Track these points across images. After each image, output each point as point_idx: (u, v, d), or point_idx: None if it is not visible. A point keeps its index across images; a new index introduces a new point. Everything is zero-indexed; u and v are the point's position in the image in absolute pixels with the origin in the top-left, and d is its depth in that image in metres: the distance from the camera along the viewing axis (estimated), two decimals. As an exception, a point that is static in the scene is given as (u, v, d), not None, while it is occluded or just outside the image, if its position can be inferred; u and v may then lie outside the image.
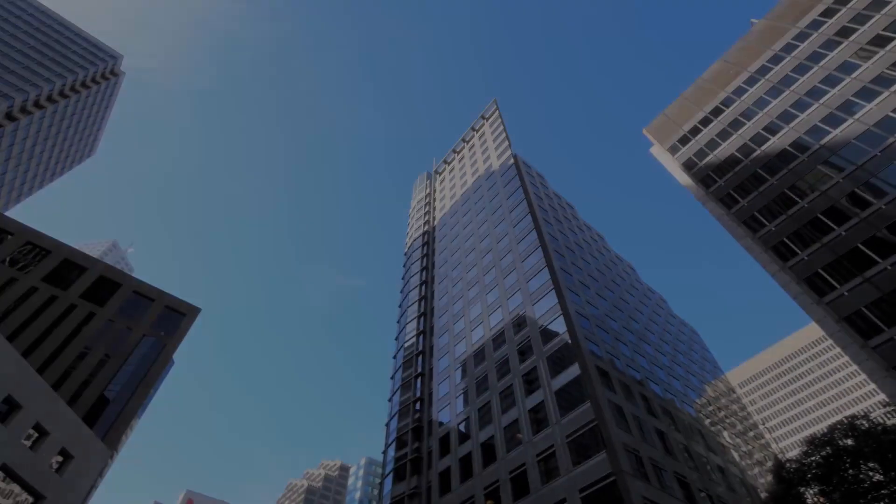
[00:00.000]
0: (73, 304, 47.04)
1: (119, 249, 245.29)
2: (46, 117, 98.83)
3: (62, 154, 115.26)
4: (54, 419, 31.18)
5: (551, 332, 45.66)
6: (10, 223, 49.94)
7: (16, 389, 28.78)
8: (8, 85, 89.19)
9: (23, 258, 48.16)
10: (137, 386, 45.18)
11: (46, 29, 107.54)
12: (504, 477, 39.46)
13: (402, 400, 62.47)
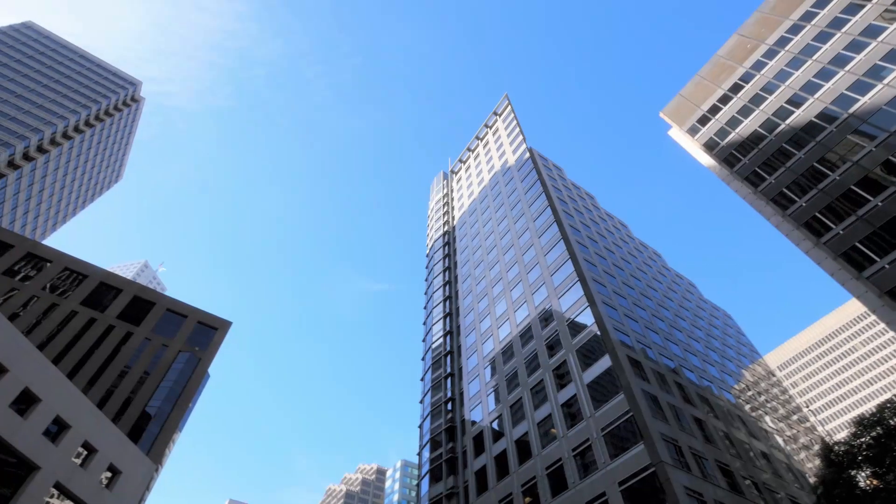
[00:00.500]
0: (111, 325, 48.73)
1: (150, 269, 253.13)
2: (74, 147, 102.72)
3: (91, 181, 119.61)
4: (101, 437, 32.34)
5: (579, 324, 45.11)
6: (48, 251, 52.05)
7: (64, 410, 29.97)
8: (37, 119, 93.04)
9: (62, 284, 50.12)
10: (177, 401, 46.51)
11: (69, 62, 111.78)
12: (541, 473, 39.17)
13: (433, 401, 62.66)
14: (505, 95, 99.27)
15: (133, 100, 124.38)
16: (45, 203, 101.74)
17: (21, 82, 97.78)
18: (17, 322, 44.07)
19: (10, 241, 50.51)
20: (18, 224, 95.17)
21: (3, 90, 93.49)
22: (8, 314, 44.12)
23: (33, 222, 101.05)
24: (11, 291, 46.48)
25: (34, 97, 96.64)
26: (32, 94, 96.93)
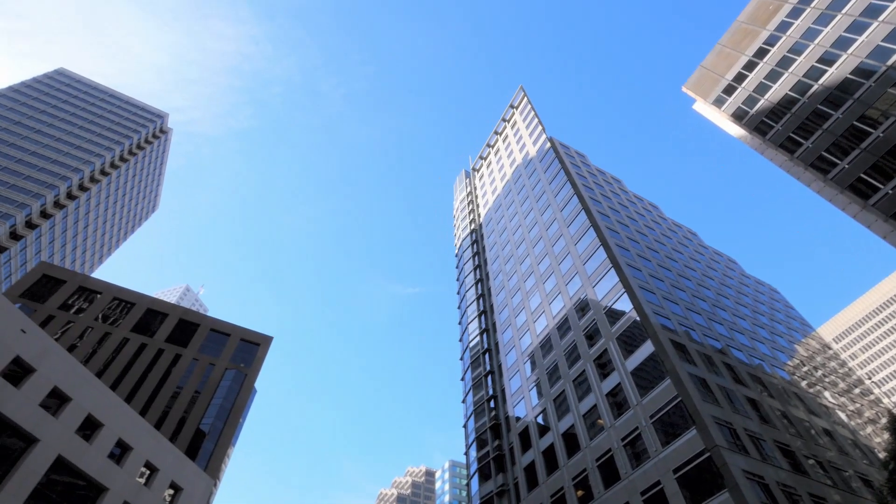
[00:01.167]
0: (160, 349, 50.80)
1: (192, 292, 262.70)
2: (112, 183, 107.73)
3: (130, 213, 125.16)
4: (161, 456, 33.76)
5: (617, 311, 44.19)
6: (98, 283, 54.71)
7: (125, 433, 31.44)
8: (76, 159, 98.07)
9: (112, 313, 52.59)
10: (228, 417, 48.06)
11: (99, 102, 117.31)
12: (591, 465, 38.55)
13: (475, 400, 62.60)
14: (520, 87, 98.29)
15: (161, 131, 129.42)
16: (90, 238, 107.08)
17: (59, 126, 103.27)
18: (75, 352, 46.48)
19: (62, 276, 53.36)
20: (68, 260, 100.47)
21: (44, 135, 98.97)
22: (66, 346, 46.59)
23: (81, 257, 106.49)
24: (68, 324, 49.08)
25: (72, 139, 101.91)
26: (70, 137, 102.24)
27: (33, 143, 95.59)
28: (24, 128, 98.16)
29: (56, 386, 28.10)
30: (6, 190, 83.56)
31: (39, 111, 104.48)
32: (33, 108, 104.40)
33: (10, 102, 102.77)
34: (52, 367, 28.31)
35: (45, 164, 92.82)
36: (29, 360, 27.13)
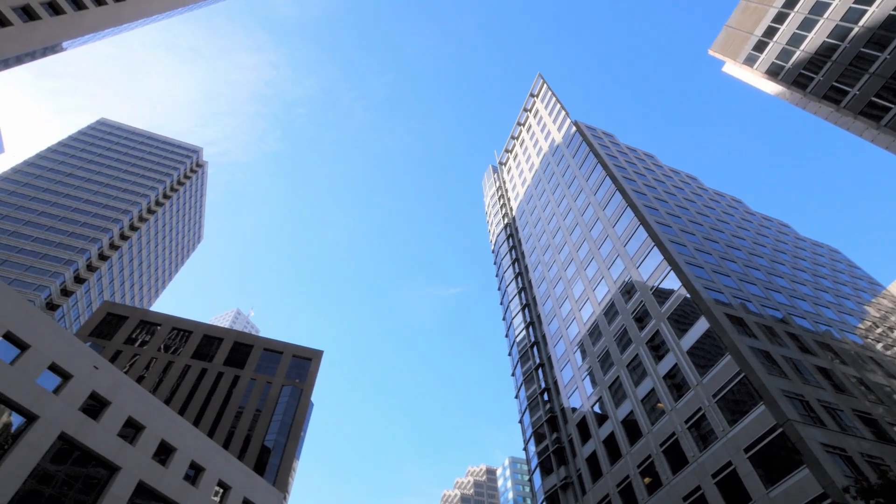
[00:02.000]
0: (220, 372, 53.02)
1: (243, 315, 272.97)
2: (158, 220, 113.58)
3: (178, 247, 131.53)
4: (232, 474, 35.22)
5: (665, 290, 42.74)
6: (157, 316, 57.73)
7: (197, 455, 33.01)
8: (125, 202, 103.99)
9: (172, 342, 55.34)
10: (289, 431, 49.61)
11: (139, 146, 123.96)
12: (655, 451, 37.42)
13: (528, 394, 62.04)
14: (539, 75, 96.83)
15: (198, 165, 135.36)
16: (145, 274, 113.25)
17: (106, 173, 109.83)
18: (143, 383, 49.20)
19: (124, 313, 56.63)
20: (128, 297, 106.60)
21: (94, 183, 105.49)
22: (135, 377, 49.38)
23: (139, 293, 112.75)
24: (134, 357, 52.02)
25: (118, 183, 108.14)
26: (117, 182, 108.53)
27: (85, 192, 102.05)
28: (76, 178, 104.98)
29: (130, 416, 29.81)
30: (66, 238, 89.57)
31: (87, 161, 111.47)
32: (82, 159, 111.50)
33: (61, 156, 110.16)
34: (125, 398, 30.06)
35: (97, 209, 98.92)
36: (104, 394, 28.91)
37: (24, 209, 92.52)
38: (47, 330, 27.77)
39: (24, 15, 44.06)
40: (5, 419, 24.64)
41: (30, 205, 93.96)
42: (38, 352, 26.43)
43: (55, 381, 27.05)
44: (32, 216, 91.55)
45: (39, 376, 26.18)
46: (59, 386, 26.97)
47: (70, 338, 29.12)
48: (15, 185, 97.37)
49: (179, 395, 49.37)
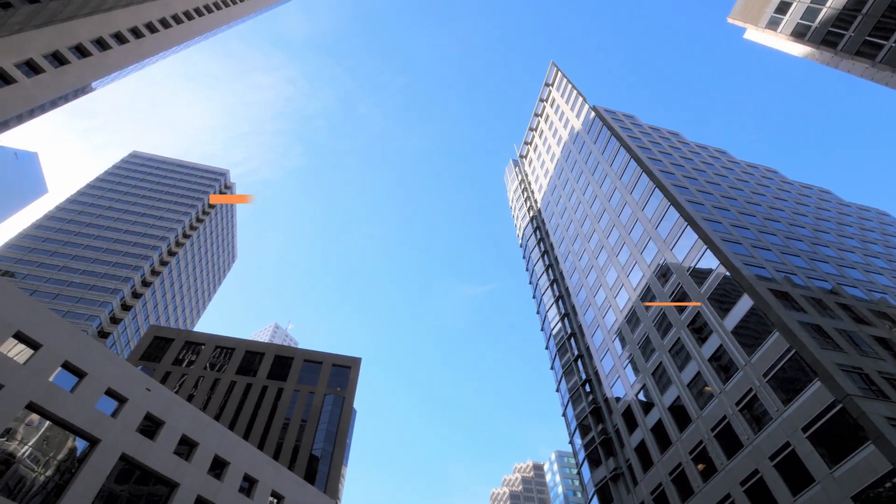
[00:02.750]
0: (264, 386, 54.45)
1: (281, 329, 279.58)
2: (194, 243, 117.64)
3: (215, 267, 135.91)
4: (284, 484, 36.10)
5: (703, 270, 41.42)
6: (200, 336, 59.77)
7: (249, 467, 34.00)
8: (161, 229, 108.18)
9: (217, 360, 57.17)
10: (335, 439, 50.49)
11: (170, 174, 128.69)
12: (707, 436, 36.29)
13: (569, 387, 61.24)
14: (552, 63, 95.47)
15: (226, 187, 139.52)
16: (186, 296, 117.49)
17: (142, 203, 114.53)
18: (193, 401, 50.99)
19: (170, 336, 58.88)
20: (172, 319, 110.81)
21: (132, 214, 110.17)
22: (185, 396, 51.24)
23: (182, 315, 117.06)
24: (182, 377, 53.99)
25: (154, 212, 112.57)
26: (152, 210, 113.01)
27: (125, 223, 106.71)
28: (115, 211, 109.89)
29: (184, 433, 30.96)
30: (111, 268, 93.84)
31: (123, 193, 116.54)
32: (118, 192, 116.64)
33: (99, 191, 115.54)
34: (178, 417, 31.23)
35: (137, 238, 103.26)
36: (158, 415, 30.13)
37: (70, 244, 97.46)
38: (101, 357, 29.13)
39: (54, 61, 46.41)
40: (70, 444, 25.98)
41: (75, 240, 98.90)
42: (95, 378, 27.75)
43: (112, 405, 28.36)
44: (78, 250, 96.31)
45: (98, 401, 27.50)
46: (116, 409, 28.25)
47: (122, 363, 30.47)
48: (60, 223, 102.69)
49: (228, 410, 50.96)
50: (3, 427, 23.25)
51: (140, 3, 59.53)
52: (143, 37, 59.30)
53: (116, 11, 55.19)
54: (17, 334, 25.44)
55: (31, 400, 24.34)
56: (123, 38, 55.91)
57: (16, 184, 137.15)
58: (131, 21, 57.44)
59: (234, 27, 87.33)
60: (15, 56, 41.93)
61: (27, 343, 25.76)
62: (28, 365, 25.10)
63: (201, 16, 74.08)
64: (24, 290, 77.44)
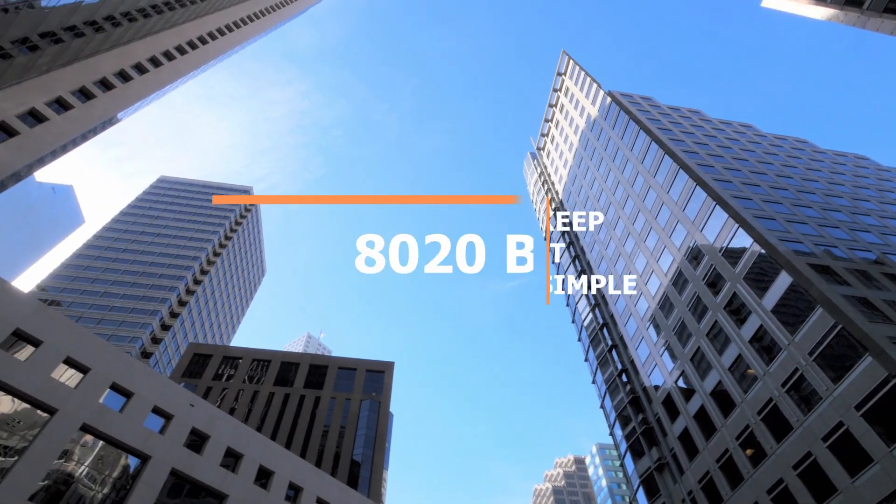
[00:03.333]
0: (301, 395, 55.45)
1: (314, 338, 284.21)
2: (224, 260, 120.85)
3: (245, 282, 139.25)
4: (328, 491, 36.67)
5: (736, 249, 40.14)
6: (237, 350, 61.33)
7: (294, 476, 34.68)
8: (193, 249, 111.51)
9: (255, 373, 58.54)
10: (374, 444, 51.01)
11: (196, 195, 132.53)
12: (753, 420, 35.14)
13: (605, 378, 60.30)
14: (563, 52, 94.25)
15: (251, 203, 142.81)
16: (221, 312, 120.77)
17: (173, 226, 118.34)
18: (234, 414, 52.34)
19: (209, 352, 60.59)
20: (209, 336, 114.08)
21: (164, 237, 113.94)
22: (227, 409, 52.63)
23: (219, 331, 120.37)
24: (223, 391, 55.48)
25: (185, 233, 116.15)
26: (183, 232, 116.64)
27: (158, 246, 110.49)
28: (148, 235, 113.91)
29: (229, 446, 31.80)
30: (149, 291, 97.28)
31: (155, 218, 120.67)
32: (150, 217, 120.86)
33: (132, 217, 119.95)
34: (221, 430, 32.11)
35: (170, 260, 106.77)
36: (203, 429, 31.04)
37: (109, 270, 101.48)
38: (146, 377, 30.20)
39: (81, 96, 48.41)
40: (123, 462, 27.03)
41: (113, 266, 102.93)
42: (141, 397, 28.79)
43: (159, 422, 29.36)
44: (117, 276, 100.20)
45: (146, 419, 28.51)
46: (163, 426, 29.24)
47: (166, 381, 31.52)
48: (98, 251, 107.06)
49: (268, 421, 52.13)
50: (61, 449, 24.35)
51: (156, 33, 61.57)
52: (162, 65, 61.26)
53: (134, 43, 57.21)
54: (67, 360, 26.60)
55: (84, 421, 25.41)
56: (143, 68, 57.88)
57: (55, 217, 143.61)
58: (149, 51, 59.42)
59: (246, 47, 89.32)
60: (45, 95, 43.93)
61: (77, 368, 26.91)
62: (79, 388, 26.22)
63: (214, 39, 76.07)
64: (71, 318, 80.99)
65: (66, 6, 41.01)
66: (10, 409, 23.88)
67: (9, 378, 23.67)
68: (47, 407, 24.54)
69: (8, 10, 34.76)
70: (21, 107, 41.26)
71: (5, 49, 37.87)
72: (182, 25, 67.32)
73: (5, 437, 23.19)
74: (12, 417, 23.80)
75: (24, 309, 26.30)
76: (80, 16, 44.58)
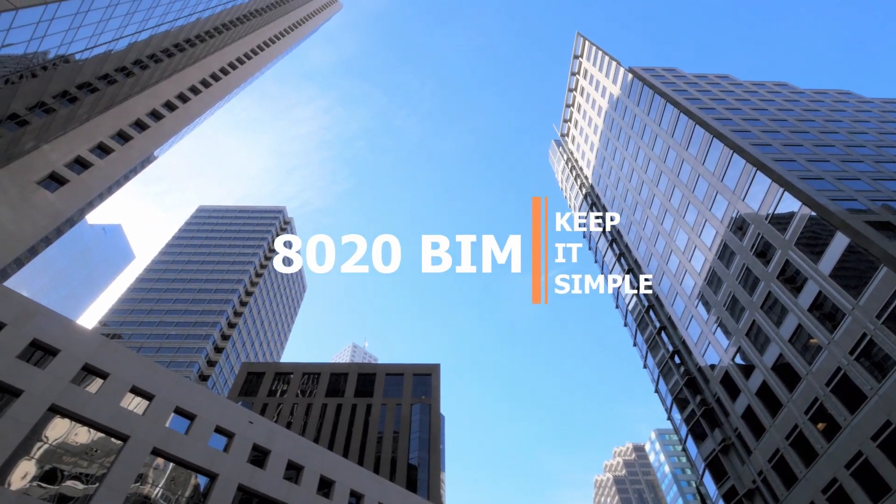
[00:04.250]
0: (353, 404, 56.52)
1: (359, 348, 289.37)
2: (266, 280, 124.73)
3: (289, 300, 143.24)
4: (389, 496, 37.20)
5: (784, 215, 38.15)
6: (288, 366, 63.16)
7: (354, 483, 35.37)
8: (237, 273, 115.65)
9: (306, 386, 60.10)
10: (429, 446, 51.38)
11: (235, 220, 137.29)
12: (822, 392, 33.28)
13: (657, 361, 58.58)
14: (577, 34, 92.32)
15: (285, 222, 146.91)
16: (268, 331, 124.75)
17: (215, 252, 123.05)
18: (291, 427, 53.87)
19: (261, 370, 62.67)
20: (260, 354, 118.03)
21: (209, 263, 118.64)
22: (283, 423, 54.25)
23: (269, 348, 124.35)
24: (278, 406, 57.23)
25: (227, 258, 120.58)
26: (225, 257, 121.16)
27: (204, 273, 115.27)
28: (194, 263, 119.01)
29: (290, 459, 32.76)
30: (200, 316, 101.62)
31: (198, 246, 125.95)
32: (193, 245, 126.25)
33: (178, 248, 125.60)
34: (281, 444, 33.12)
35: (216, 285, 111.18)
36: (263, 444, 32.11)
37: (162, 301, 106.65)
38: (206, 399, 31.53)
39: (120, 139, 51.13)
40: (193, 481, 28.29)
41: (165, 296, 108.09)
42: (204, 419, 30.07)
43: (222, 441, 30.58)
44: (170, 305, 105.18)
45: (210, 439, 29.76)
46: (226, 445, 30.44)
47: (224, 401, 32.81)
48: (150, 283, 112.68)
49: (324, 432, 53.39)
50: (136, 473, 25.73)
51: (181, 71, 64.32)
52: (189, 100, 63.90)
53: (162, 83, 59.95)
54: (133, 388, 28.11)
55: (154, 445, 26.77)
56: (172, 105, 60.56)
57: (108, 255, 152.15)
58: (176, 88, 62.12)
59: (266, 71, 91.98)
60: (88, 142, 46.62)
61: (142, 395, 28.39)
62: (146, 414, 27.64)
63: (235, 69, 78.75)
64: (132, 349, 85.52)
65: (97, 56, 43.38)
66: (87, 439, 25.42)
67: (83, 410, 25.21)
68: (120, 434, 26.00)
69: (47, 68, 37.10)
70: (68, 156, 43.94)
71: (48, 104, 40.43)
72: (204, 60, 70.04)
73: (85, 465, 24.70)
74: (90, 447, 25.33)
75: (91, 344, 27.97)
76: (111, 64, 47.07)
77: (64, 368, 25.80)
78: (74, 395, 25.36)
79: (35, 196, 39.82)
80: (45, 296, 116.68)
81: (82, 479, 24.25)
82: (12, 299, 26.40)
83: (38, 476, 23.13)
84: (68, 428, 24.86)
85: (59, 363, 25.81)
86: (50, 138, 42.84)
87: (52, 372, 25.31)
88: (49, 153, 42.48)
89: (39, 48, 34.39)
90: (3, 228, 36.20)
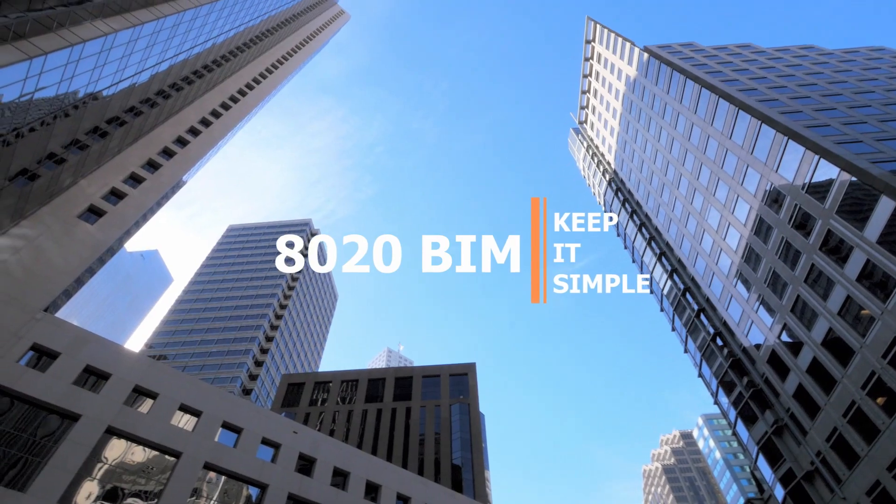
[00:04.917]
0: (393, 408, 57.02)
1: (394, 352, 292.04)
2: (298, 292, 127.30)
3: (321, 310, 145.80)
4: (436, 497, 37.37)
5: (821, 184, 36.50)
6: (326, 375, 64.28)
7: (400, 486, 35.69)
8: (269, 287, 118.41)
9: (345, 394, 60.98)
10: (471, 446, 51.37)
11: (264, 236, 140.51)
12: (879, 365, 31.65)
13: (698, 345, 56.92)
14: (587, 18, 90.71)
15: (312, 234, 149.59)
16: (305, 342, 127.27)
17: (248, 269, 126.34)
18: (334, 435, 54.76)
19: (301, 380, 63.95)
20: (299, 365, 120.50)
21: (243, 280, 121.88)
22: (326, 432, 55.20)
23: (306, 359, 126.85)
24: (320, 415, 58.26)
25: (260, 273, 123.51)
26: (258, 272, 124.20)
27: (238, 290, 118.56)
28: (229, 281, 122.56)
29: (335, 466, 33.32)
30: (238, 332, 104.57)
31: (231, 265, 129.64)
32: (226, 264, 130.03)
33: (212, 268, 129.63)
34: (326, 452, 33.72)
35: (251, 301, 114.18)
36: (309, 453, 32.76)
37: (201, 320, 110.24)
38: (251, 412, 32.40)
39: (150, 168, 53.11)
40: (245, 493, 29.10)
41: (204, 315, 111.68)
42: (250, 432, 30.90)
43: (269, 452, 31.36)
44: (209, 323, 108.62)
45: (257, 451, 30.56)
46: (273, 455, 31.20)
47: (268, 413, 33.65)
48: (189, 304, 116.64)
49: (366, 437, 54.08)
50: (191, 488, 26.65)
51: (202, 96, 66.34)
52: (211, 124, 65.86)
53: (185, 110, 61.97)
54: (182, 407, 29.14)
55: (206, 460, 27.67)
56: (196, 130, 62.52)
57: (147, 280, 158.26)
58: (199, 114, 64.12)
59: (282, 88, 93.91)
60: (120, 174, 48.61)
61: (190, 412, 29.39)
62: (196, 431, 28.59)
63: (252, 89, 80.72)
64: (177, 368, 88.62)
65: (122, 91, 45.22)
66: (143, 457, 26.50)
67: (137, 430, 26.29)
68: (172, 451, 26.99)
69: (78, 106, 38.90)
70: (103, 188, 45.92)
71: (82, 140, 42.37)
72: (222, 84, 72.07)
73: (143, 483, 25.74)
74: (146, 465, 26.39)
75: (139, 367, 29.15)
76: (136, 96, 48.99)
77: (116, 391, 26.98)
78: (128, 417, 26.48)
79: (77, 229, 41.77)
80: (94, 323, 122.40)
81: (142, 496, 25.29)
82: (64, 329, 27.78)
83: (101, 496, 24.24)
84: (125, 448, 25.97)
85: (111, 387, 27.00)
86: (86, 173, 44.88)
87: (106, 395, 26.50)
88: (86, 187, 44.50)
89: (69, 88, 36.07)
90: (50, 263, 38.12)
